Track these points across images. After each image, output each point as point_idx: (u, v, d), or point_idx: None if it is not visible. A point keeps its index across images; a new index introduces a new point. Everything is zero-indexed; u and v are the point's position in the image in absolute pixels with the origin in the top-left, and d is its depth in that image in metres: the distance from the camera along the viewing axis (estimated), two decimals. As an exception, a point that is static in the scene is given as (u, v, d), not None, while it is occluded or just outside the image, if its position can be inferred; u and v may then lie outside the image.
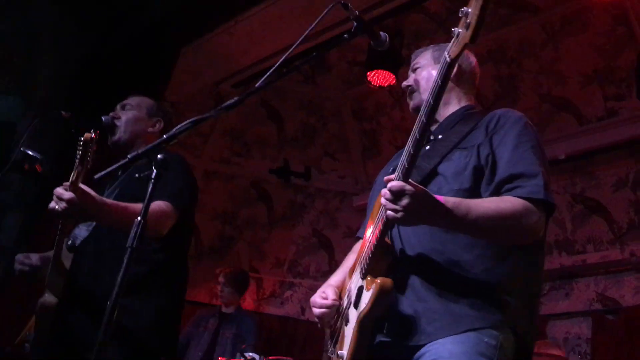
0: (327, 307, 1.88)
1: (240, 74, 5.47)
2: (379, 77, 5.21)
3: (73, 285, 2.34)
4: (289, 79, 6.05)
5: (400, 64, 5.12)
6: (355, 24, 1.96)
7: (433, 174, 1.80)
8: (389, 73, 5.09)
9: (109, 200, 2.20)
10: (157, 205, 2.21)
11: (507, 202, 1.66)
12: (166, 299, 2.41)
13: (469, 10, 1.41)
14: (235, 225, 6.86)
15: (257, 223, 6.86)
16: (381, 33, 2.01)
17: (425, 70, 2.05)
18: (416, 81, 2.06)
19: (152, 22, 4.73)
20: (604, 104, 5.19)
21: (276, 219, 6.87)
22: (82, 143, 2.04)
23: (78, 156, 2.04)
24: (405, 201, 1.51)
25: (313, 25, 1.95)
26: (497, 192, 1.71)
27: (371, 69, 5.12)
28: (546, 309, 5.52)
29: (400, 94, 5.79)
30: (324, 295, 1.92)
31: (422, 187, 1.57)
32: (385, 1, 4.54)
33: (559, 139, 5.45)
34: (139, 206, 1.66)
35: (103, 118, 2.56)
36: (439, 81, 1.55)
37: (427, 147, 1.91)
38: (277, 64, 1.89)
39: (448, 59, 1.51)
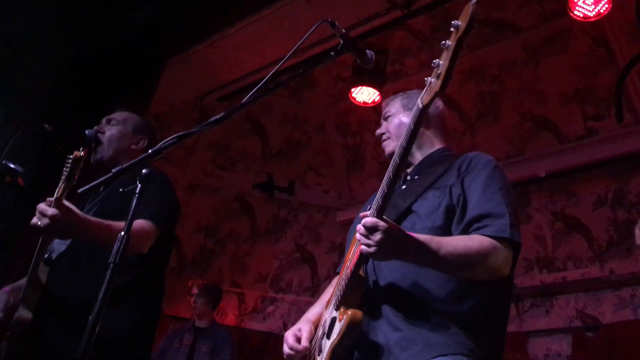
0: (297, 351, 1.95)
1: (225, 87, 5.48)
2: (363, 94, 5.25)
3: (48, 298, 2.31)
4: (274, 93, 6.06)
5: (384, 81, 5.17)
6: (341, 41, 1.98)
7: (408, 211, 1.91)
8: (374, 89, 5.14)
9: (92, 218, 2.18)
10: (139, 224, 2.20)
11: (475, 241, 1.75)
12: (143, 311, 2.40)
13: (440, 62, 1.54)
14: (218, 239, 6.83)
15: (240, 237, 6.84)
16: (367, 51, 2.04)
17: (397, 118, 2.18)
18: (388, 129, 2.19)
19: (138, 33, 4.73)
20: (584, 124, 5.28)
21: (259, 233, 6.85)
22: (71, 161, 2.03)
23: (65, 173, 2.02)
24: (378, 236, 1.59)
25: (300, 42, 1.97)
26: (466, 231, 1.81)
27: (355, 85, 5.16)
28: (526, 325, 5.55)
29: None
30: (298, 334, 2.00)
31: (395, 224, 1.66)
32: (370, 19, 4.58)
33: (539, 157, 5.52)
34: (121, 224, 1.64)
35: (87, 132, 2.54)
36: (412, 126, 1.64)
37: (404, 187, 2.04)
38: (264, 80, 1.90)
39: (420, 106, 1.61)
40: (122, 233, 1.58)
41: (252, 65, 5.00)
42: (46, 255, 2.39)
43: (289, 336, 2.01)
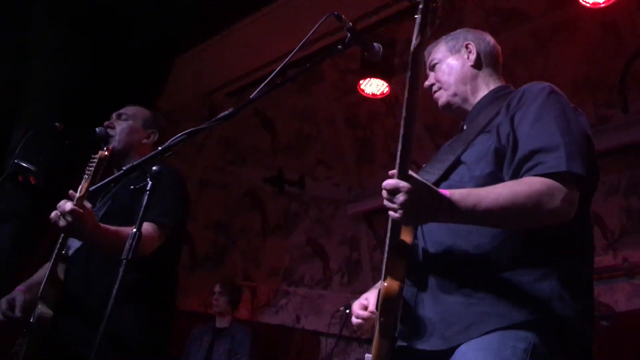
0: (364, 319, 1.77)
1: (233, 83, 5.49)
2: (372, 86, 5.24)
3: (66, 296, 2.33)
4: (283, 88, 6.06)
5: (393, 73, 5.15)
6: (348, 34, 1.97)
7: (457, 164, 1.69)
8: (382, 81, 5.12)
9: (102, 225, 2.19)
10: (144, 228, 2.21)
11: (523, 185, 1.49)
12: (156, 308, 2.40)
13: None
14: (230, 235, 6.85)
15: (252, 232, 6.86)
16: (374, 44, 2.02)
17: (444, 64, 1.95)
18: (438, 79, 1.96)
19: (147, 31, 4.74)
20: (595, 111, 5.23)
21: (270, 228, 6.87)
22: (95, 160, 2.03)
23: (88, 172, 2.03)
24: (401, 198, 1.40)
25: (308, 36, 1.96)
26: (517, 173, 1.55)
27: (364, 77, 5.15)
28: (540, 315, 5.54)
29: (393, 102, 5.82)
30: (364, 303, 1.80)
31: (423, 182, 1.43)
32: (377, 10, 4.57)
33: (551, 146, 5.49)
34: (128, 230, 1.65)
35: (97, 130, 2.55)
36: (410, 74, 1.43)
37: (452, 140, 1.82)
38: (272, 75, 1.89)
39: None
40: (134, 230, 1.59)
41: (259, 61, 5.01)
42: (63, 252, 2.40)
43: (355, 305, 1.81)
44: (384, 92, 5.24)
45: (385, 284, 1.52)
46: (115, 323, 1.92)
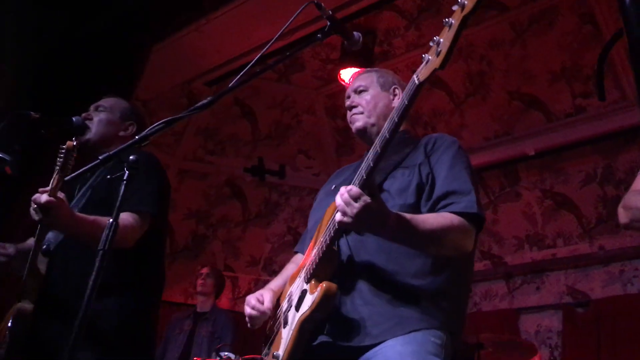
0: (259, 311, 1.98)
1: (212, 72, 5.44)
2: (352, 75, 5.23)
3: (48, 290, 2.30)
4: (262, 77, 6.03)
5: (372, 62, 5.15)
6: (328, 23, 1.96)
7: (378, 189, 1.89)
8: (362, 70, 5.12)
9: (79, 214, 2.17)
10: (122, 218, 2.18)
11: (446, 218, 1.78)
12: (139, 300, 2.38)
13: (441, 40, 1.53)
14: (210, 224, 6.83)
15: (232, 221, 6.84)
16: (355, 33, 2.02)
17: (371, 94, 2.14)
18: (361, 104, 2.13)
19: (123, 18, 4.66)
20: (572, 101, 5.29)
21: (251, 217, 6.86)
22: (63, 151, 2.01)
23: (58, 164, 2.01)
24: (357, 207, 1.60)
25: (287, 25, 1.95)
26: (434, 207, 1.85)
27: (344, 67, 5.14)
28: (517, 302, 5.62)
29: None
30: (260, 298, 2.01)
31: (380, 198, 1.67)
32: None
33: (528, 136, 5.55)
34: (107, 219, 1.64)
35: (74, 119, 2.51)
36: (406, 102, 1.61)
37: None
38: (251, 64, 1.88)
39: (417, 82, 1.59)
40: (111, 220, 1.57)
41: (239, 49, 4.96)
42: (44, 246, 2.37)
43: (251, 298, 2.02)
44: (364, 81, 5.24)
45: (324, 284, 1.72)
46: (97, 316, 1.90)
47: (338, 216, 1.65)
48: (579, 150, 5.40)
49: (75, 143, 2.03)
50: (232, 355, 4.00)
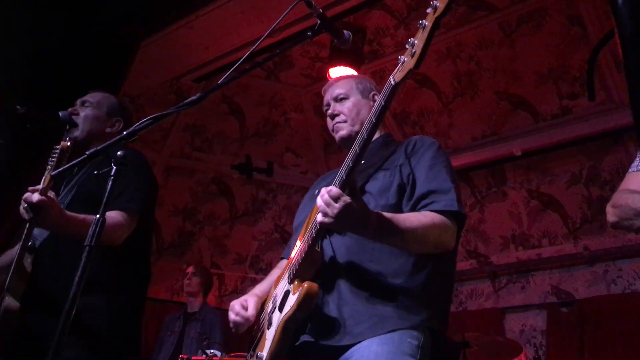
0: (242, 317, 2.00)
1: (201, 68, 5.41)
2: (341, 74, 5.23)
3: (34, 287, 2.28)
4: (251, 74, 6.02)
5: (362, 61, 5.16)
6: (318, 21, 1.96)
7: (361, 191, 1.91)
8: (351, 69, 5.12)
9: (68, 212, 2.16)
10: (112, 215, 2.17)
11: (427, 217, 1.81)
12: (127, 297, 2.37)
13: (415, 41, 1.56)
14: (196, 221, 6.80)
15: (219, 219, 6.81)
16: (344, 31, 2.02)
17: (352, 102, 2.15)
18: (343, 112, 2.14)
19: (112, 13, 4.62)
20: (559, 102, 5.34)
21: (238, 215, 6.84)
22: (57, 151, 2.00)
23: (51, 163, 2.00)
24: (338, 207, 1.62)
25: (277, 22, 1.95)
26: (415, 207, 1.88)
27: (333, 65, 5.13)
28: (503, 301, 5.66)
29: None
30: (245, 304, 2.04)
31: (361, 198, 1.69)
32: (347, -2, 4.55)
33: (515, 136, 5.58)
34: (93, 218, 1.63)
35: (60, 114, 2.48)
36: (382, 102, 1.64)
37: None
38: (240, 61, 1.87)
39: (392, 83, 1.61)
40: (97, 216, 1.56)
41: (228, 46, 4.94)
42: (30, 243, 2.35)
43: (235, 304, 2.04)
44: (353, 80, 5.24)
45: (306, 284, 1.74)
46: (85, 313, 1.89)
47: (319, 217, 1.66)
48: (565, 151, 5.44)
49: (69, 144, 2.02)
50: (218, 353, 4.00)
